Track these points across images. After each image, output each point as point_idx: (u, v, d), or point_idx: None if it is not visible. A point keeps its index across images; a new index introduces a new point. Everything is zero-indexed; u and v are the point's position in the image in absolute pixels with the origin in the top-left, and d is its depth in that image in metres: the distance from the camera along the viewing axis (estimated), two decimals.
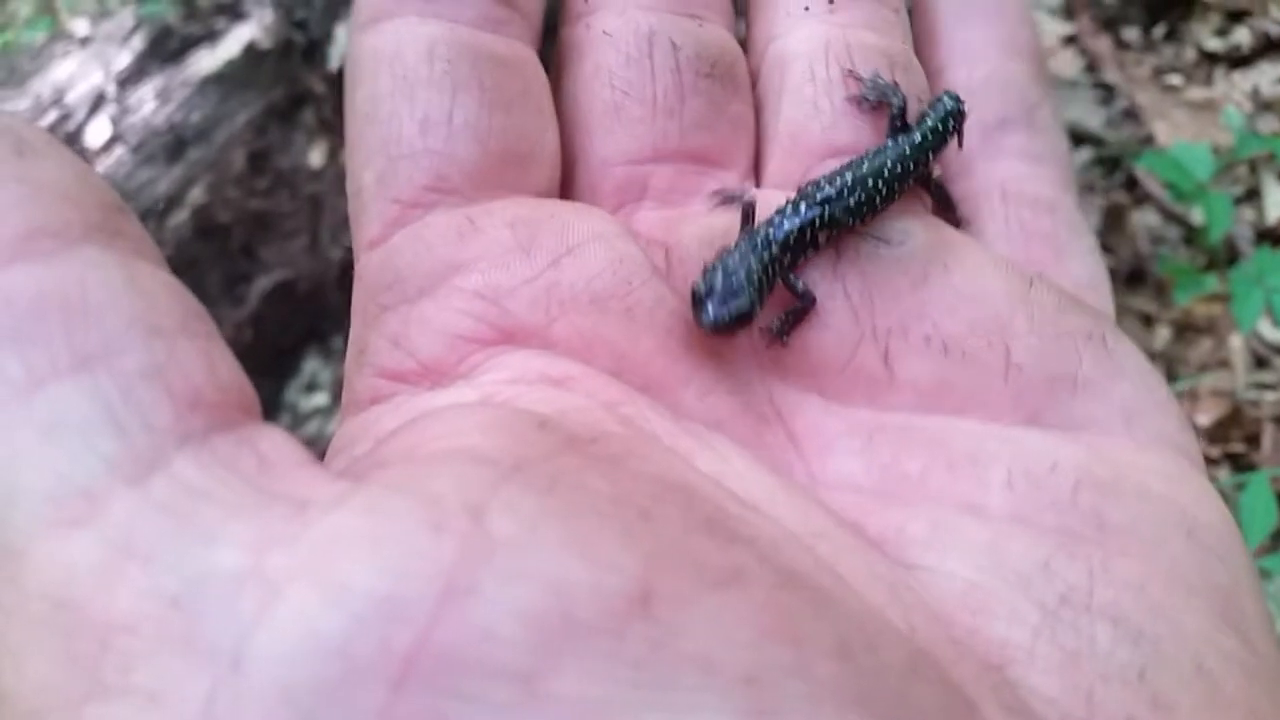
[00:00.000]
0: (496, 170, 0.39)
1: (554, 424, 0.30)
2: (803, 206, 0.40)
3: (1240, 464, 1.28)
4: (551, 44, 0.45)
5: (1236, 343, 1.37)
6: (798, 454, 0.37)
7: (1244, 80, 1.65)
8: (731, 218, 0.42)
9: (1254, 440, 1.29)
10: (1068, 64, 1.66)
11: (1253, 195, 1.53)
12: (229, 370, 0.27)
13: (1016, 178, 0.45)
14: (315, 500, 0.24)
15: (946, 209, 0.44)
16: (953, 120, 0.44)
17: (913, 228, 0.42)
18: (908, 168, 0.42)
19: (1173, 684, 0.31)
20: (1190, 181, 1.23)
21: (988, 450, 0.37)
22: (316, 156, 1.01)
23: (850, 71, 0.44)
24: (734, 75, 0.45)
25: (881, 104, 0.44)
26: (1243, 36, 1.68)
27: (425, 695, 0.21)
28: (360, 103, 0.39)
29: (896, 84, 0.44)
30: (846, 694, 0.24)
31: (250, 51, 1.04)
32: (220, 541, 0.23)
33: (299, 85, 1.02)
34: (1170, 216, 1.51)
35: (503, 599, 0.22)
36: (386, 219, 0.38)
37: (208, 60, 1.08)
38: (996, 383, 0.38)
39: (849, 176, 0.41)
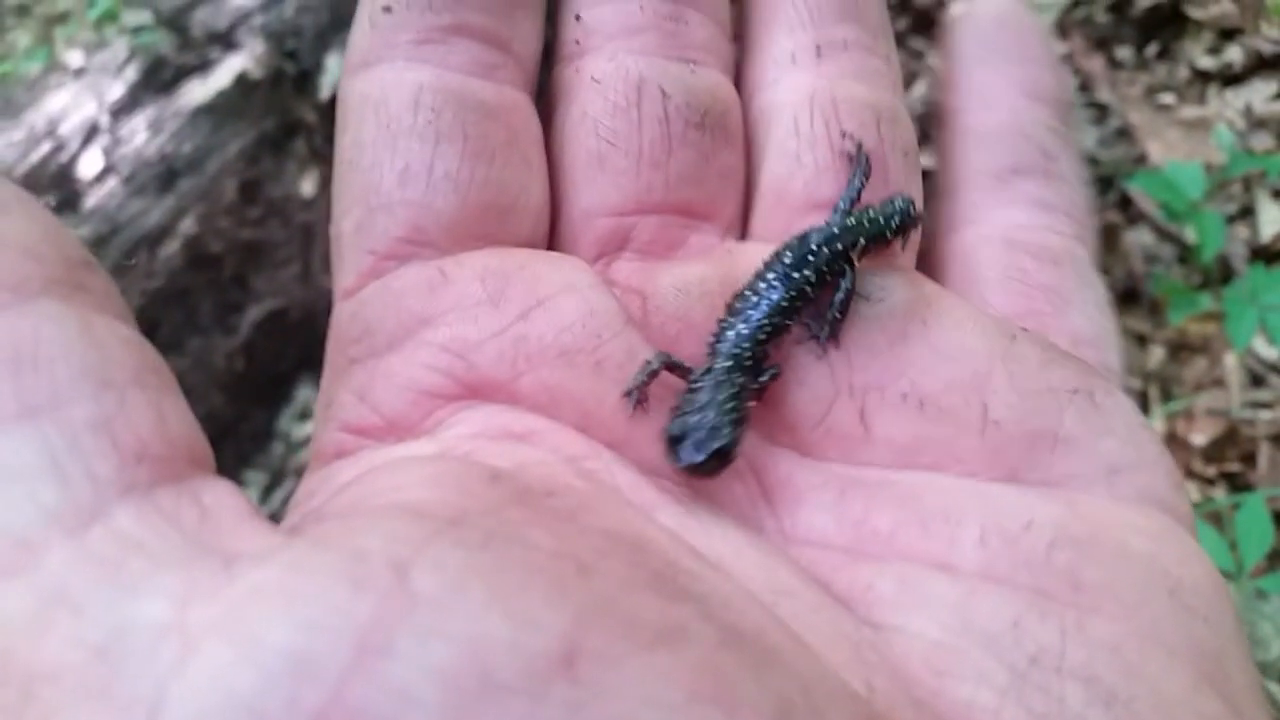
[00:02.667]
0: (476, 221, 0.38)
1: (507, 477, 0.30)
2: (740, 326, 0.39)
3: (1236, 483, 1.27)
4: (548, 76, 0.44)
5: (1231, 361, 1.37)
6: (769, 508, 0.37)
7: (1237, 98, 1.66)
8: (707, 266, 0.41)
9: (1250, 459, 1.28)
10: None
11: (1247, 213, 1.53)
12: (180, 423, 0.28)
13: (1024, 226, 0.44)
14: (245, 554, 0.24)
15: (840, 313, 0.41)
16: (897, 219, 0.43)
17: (892, 283, 0.41)
18: (835, 250, 0.41)
19: None
20: (1183, 200, 1.23)
21: (961, 507, 0.36)
22: (308, 185, 1.01)
23: (844, 132, 0.43)
24: (725, 124, 0.44)
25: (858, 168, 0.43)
26: (1235, 54, 1.68)
27: None
28: (345, 148, 0.39)
29: (868, 161, 0.43)
30: None
31: (242, 81, 1.04)
32: (147, 593, 0.23)
33: (290, 115, 1.02)
34: (1164, 235, 1.51)
35: (418, 658, 0.22)
36: (361, 269, 0.38)
37: (199, 90, 1.08)
38: (973, 439, 0.37)
39: (772, 281, 0.40)
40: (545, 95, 0.43)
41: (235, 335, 0.94)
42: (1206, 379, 1.38)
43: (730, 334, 0.39)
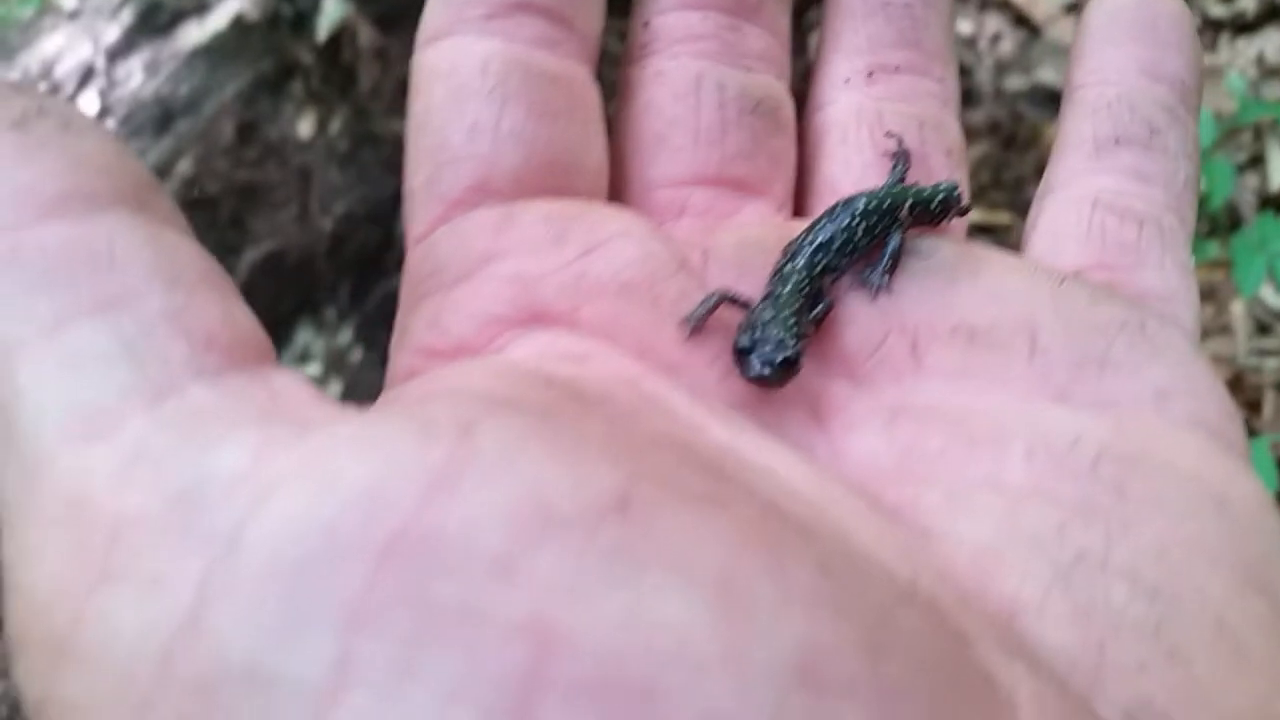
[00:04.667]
0: (539, 176, 0.41)
1: (564, 383, 0.32)
2: (797, 260, 0.42)
3: None
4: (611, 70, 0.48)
5: (1238, 309, 1.36)
6: (821, 432, 0.38)
7: (1249, 47, 1.64)
8: (764, 230, 0.44)
9: (1255, 406, 1.28)
10: (1069, 32, 1.65)
11: (1256, 162, 1.51)
12: (245, 319, 0.30)
13: (1115, 191, 0.45)
14: (317, 420, 0.26)
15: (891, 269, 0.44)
16: (941, 195, 0.45)
17: (941, 243, 0.43)
18: (882, 208, 0.44)
19: (1191, 639, 0.31)
20: None
21: (1009, 427, 0.37)
22: (305, 127, 1.01)
23: (887, 132, 0.47)
24: (777, 115, 0.47)
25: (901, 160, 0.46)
26: (1248, 3, 1.66)
27: (406, 570, 0.23)
28: (416, 114, 0.41)
29: (907, 154, 0.47)
30: (821, 600, 0.25)
31: (238, 23, 1.03)
32: (224, 448, 0.25)
33: (287, 56, 1.01)
34: None
35: (483, 494, 0.24)
36: (431, 217, 0.40)
37: (196, 33, 1.07)
38: (1021, 365, 0.39)
39: (824, 225, 0.43)
40: (615, 96, 0.47)
41: (234, 277, 0.94)
42: (1213, 326, 1.37)
43: (787, 267, 0.41)
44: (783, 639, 0.23)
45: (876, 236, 0.43)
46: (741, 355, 0.37)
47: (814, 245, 0.42)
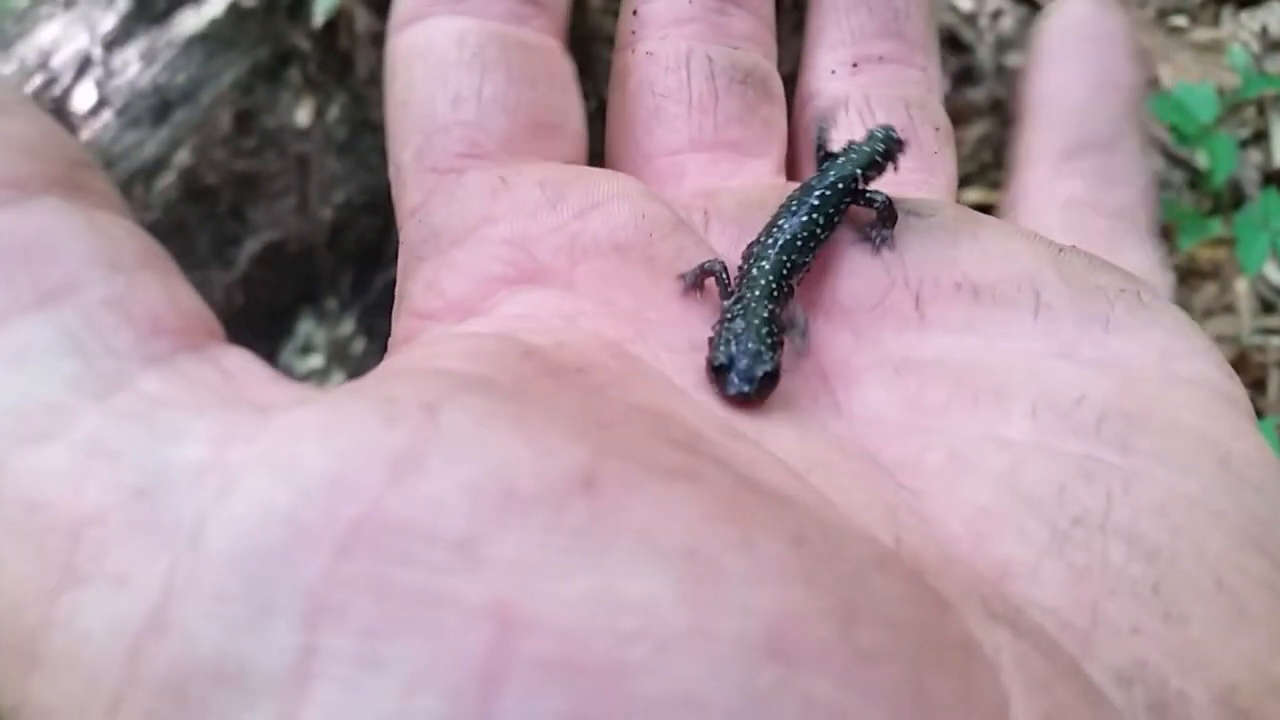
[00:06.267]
0: (526, 139, 0.42)
1: (541, 353, 0.32)
2: (761, 264, 0.41)
3: None
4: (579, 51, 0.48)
5: (1242, 287, 1.36)
6: (824, 386, 0.39)
7: (1252, 20, 1.62)
8: (764, 190, 0.45)
9: (1260, 386, 1.28)
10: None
11: (1260, 137, 1.50)
12: (189, 299, 0.29)
13: (1083, 193, 0.48)
14: (277, 404, 0.26)
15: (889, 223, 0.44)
16: (882, 149, 0.46)
17: (942, 205, 0.44)
18: (837, 189, 0.43)
19: (1188, 598, 0.30)
20: (1194, 124, 1.21)
21: (1014, 383, 0.37)
22: (303, 115, 1.00)
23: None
24: (767, 85, 0.49)
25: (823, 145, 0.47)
26: None
27: (368, 558, 0.23)
28: (397, 93, 0.42)
29: (825, 133, 0.48)
30: (792, 572, 0.25)
31: (234, 10, 1.03)
32: (184, 438, 0.25)
33: (284, 43, 1.01)
34: (1174, 160, 1.48)
35: (447, 474, 0.24)
36: (425, 187, 0.40)
37: (192, 20, 1.06)
38: (1026, 321, 0.39)
39: (784, 224, 0.43)
40: (610, 82, 0.50)
41: (234, 268, 0.94)
42: (1217, 305, 1.37)
43: (754, 271, 0.41)
44: (751, 612, 0.23)
45: (838, 224, 0.43)
46: (719, 372, 0.36)
47: (778, 246, 0.41)
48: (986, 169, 1.53)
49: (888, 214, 0.43)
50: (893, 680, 0.24)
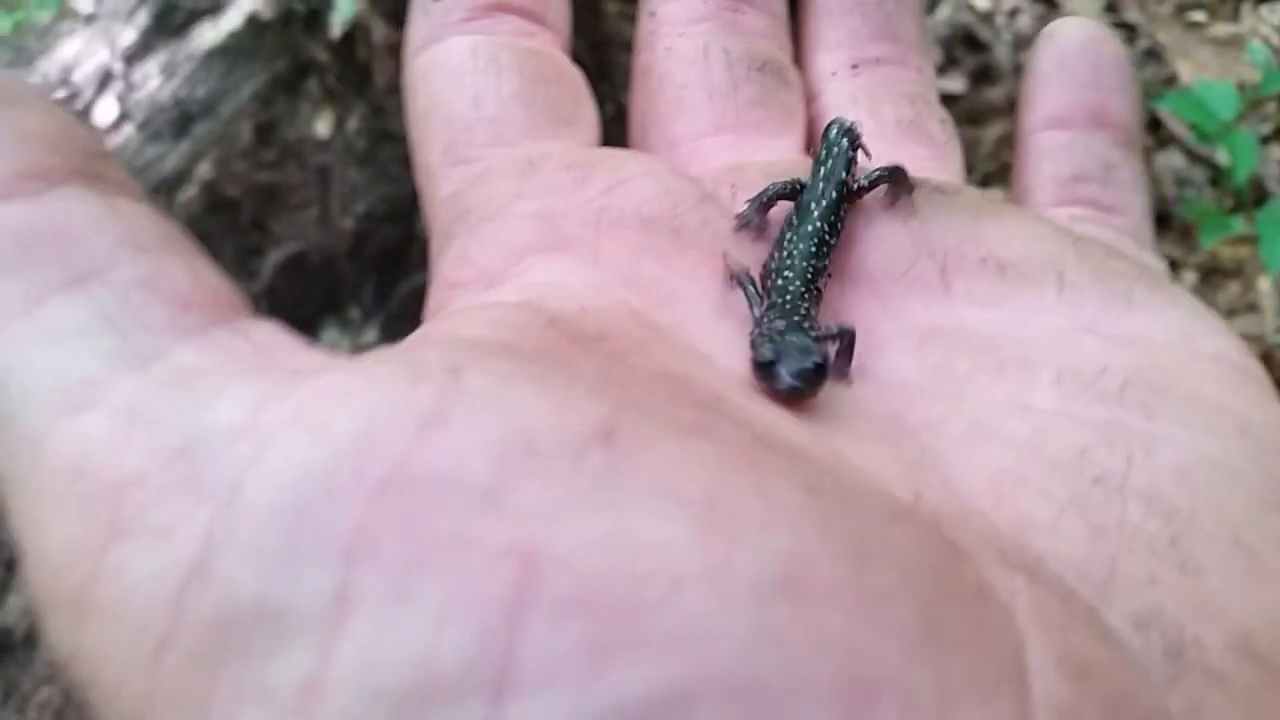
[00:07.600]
0: (547, 129, 0.43)
1: (564, 321, 0.32)
2: (786, 273, 0.41)
3: None
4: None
5: (1265, 285, 1.35)
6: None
7: (1272, 14, 1.61)
8: (793, 161, 0.45)
9: None
10: (1086, 4, 1.63)
11: None
12: (213, 277, 0.31)
13: (1082, 220, 0.47)
14: (308, 369, 0.27)
15: (901, 187, 0.44)
16: (845, 140, 0.46)
17: (964, 186, 0.45)
18: (831, 199, 0.43)
19: (1205, 552, 0.31)
20: (1214, 121, 1.20)
21: (1039, 354, 0.38)
22: (323, 126, 1.01)
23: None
24: (784, 74, 0.50)
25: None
26: None
27: (398, 506, 0.24)
28: (419, 106, 0.44)
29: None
30: (807, 518, 0.25)
31: (252, 22, 1.03)
32: (220, 403, 0.26)
33: (302, 55, 1.01)
34: (1195, 158, 1.47)
35: (470, 431, 0.25)
36: (454, 179, 0.41)
37: (211, 33, 1.07)
38: (1051, 298, 0.40)
39: (792, 238, 0.42)
40: (631, 84, 0.51)
41: (257, 280, 0.95)
42: (1240, 304, 1.36)
43: (779, 282, 0.41)
44: (765, 552, 0.24)
45: (845, 220, 0.44)
46: (767, 369, 0.36)
47: (797, 258, 0.41)
48: (1006, 170, 1.53)
49: (902, 180, 0.43)
50: (904, 617, 0.24)
